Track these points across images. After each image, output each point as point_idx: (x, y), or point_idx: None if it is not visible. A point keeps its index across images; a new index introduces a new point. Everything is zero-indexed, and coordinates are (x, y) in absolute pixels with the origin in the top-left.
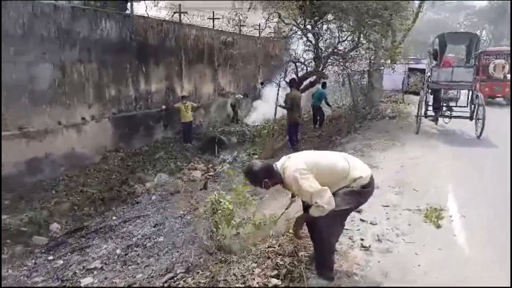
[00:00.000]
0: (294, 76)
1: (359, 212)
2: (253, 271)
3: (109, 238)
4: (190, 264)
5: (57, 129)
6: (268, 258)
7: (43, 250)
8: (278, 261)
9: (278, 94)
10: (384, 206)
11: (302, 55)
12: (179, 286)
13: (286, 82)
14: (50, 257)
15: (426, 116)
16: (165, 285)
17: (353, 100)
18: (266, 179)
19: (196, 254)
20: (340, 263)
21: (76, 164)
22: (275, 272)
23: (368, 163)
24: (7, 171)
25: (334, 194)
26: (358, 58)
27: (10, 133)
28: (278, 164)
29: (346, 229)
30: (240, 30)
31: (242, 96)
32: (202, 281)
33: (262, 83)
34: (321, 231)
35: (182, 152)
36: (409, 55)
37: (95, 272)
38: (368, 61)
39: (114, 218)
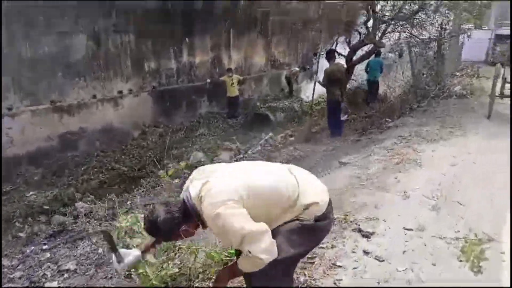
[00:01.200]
0: (343, 44)
1: (366, 237)
2: None
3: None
4: None
5: (92, 103)
6: None
7: (46, 236)
8: None
9: (317, 67)
10: (406, 230)
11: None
12: None
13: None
14: (45, 246)
15: (502, 96)
16: None
17: (412, 74)
18: (182, 228)
19: None
20: None
21: (114, 139)
22: None
23: (409, 160)
24: (39, 145)
25: (274, 232)
26: (425, 23)
27: (42, 107)
28: (192, 192)
29: (337, 266)
30: None
31: (298, 69)
32: None
33: (315, 54)
34: None
35: (226, 129)
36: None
37: (65, 275)
38: (438, 26)
39: (128, 202)
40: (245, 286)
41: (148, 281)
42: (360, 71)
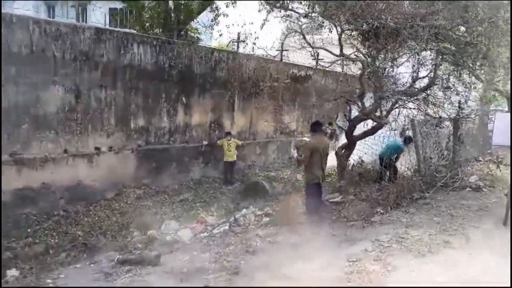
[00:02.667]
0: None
1: None
2: None
3: None
4: None
5: (61, 158)
6: None
7: None
8: None
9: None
10: None
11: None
12: None
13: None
14: None
15: None
16: None
17: (418, 158)
18: None
19: None
20: None
21: (82, 198)
22: None
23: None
24: None
25: None
26: (438, 100)
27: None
28: None
29: None
30: (317, 63)
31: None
32: None
33: (330, 124)
34: None
35: (217, 196)
36: None
37: None
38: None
39: (49, 281)
40: None
41: None
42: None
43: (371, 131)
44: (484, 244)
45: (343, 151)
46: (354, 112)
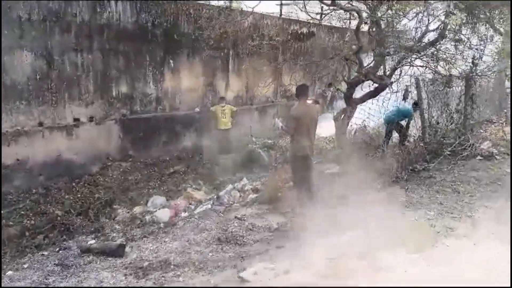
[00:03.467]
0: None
1: None
2: None
3: None
4: None
5: (36, 131)
6: None
7: None
8: None
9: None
10: None
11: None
12: None
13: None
14: None
15: None
16: None
17: (422, 123)
18: None
19: None
20: None
21: (64, 174)
22: None
23: None
24: None
25: None
26: (449, 56)
27: None
28: None
29: None
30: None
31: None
32: None
33: (330, 85)
34: None
35: (210, 168)
36: None
37: None
38: (470, 60)
39: (10, 272)
40: None
41: None
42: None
43: (373, 93)
44: (491, 229)
45: (342, 117)
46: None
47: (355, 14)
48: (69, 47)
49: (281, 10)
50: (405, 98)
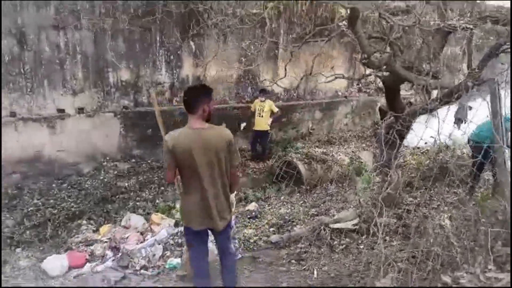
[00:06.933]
0: None
1: None
2: None
3: None
4: None
5: (7, 123)
6: None
7: None
8: None
9: None
10: None
11: None
12: None
13: None
14: None
15: None
16: None
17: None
18: None
19: None
20: None
21: (46, 173)
22: None
23: None
24: None
25: None
26: None
27: None
28: None
29: None
30: None
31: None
32: None
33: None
34: None
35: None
36: None
37: None
38: None
39: None
40: None
41: None
42: None
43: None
44: None
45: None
46: None
47: None
48: (47, 23)
49: None
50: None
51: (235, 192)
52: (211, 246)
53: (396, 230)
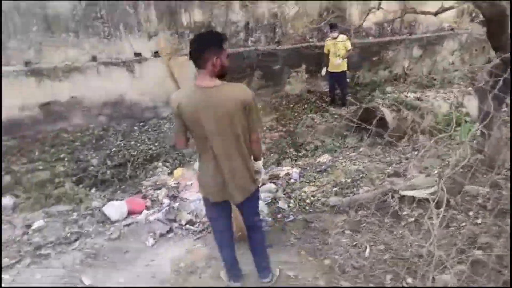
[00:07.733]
0: None
1: None
2: None
3: None
4: None
5: (88, 67)
6: None
7: None
8: None
9: None
10: None
11: None
12: None
13: None
14: None
15: None
16: None
17: None
18: None
19: None
20: None
21: (131, 115)
22: None
23: None
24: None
25: None
26: None
27: (13, 69)
28: None
29: None
30: None
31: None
32: None
33: None
34: None
35: (310, 123)
36: None
37: None
38: None
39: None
40: None
41: None
42: None
43: None
44: None
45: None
46: None
47: None
48: None
49: None
50: None
51: (262, 160)
52: None
53: (484, 205)
